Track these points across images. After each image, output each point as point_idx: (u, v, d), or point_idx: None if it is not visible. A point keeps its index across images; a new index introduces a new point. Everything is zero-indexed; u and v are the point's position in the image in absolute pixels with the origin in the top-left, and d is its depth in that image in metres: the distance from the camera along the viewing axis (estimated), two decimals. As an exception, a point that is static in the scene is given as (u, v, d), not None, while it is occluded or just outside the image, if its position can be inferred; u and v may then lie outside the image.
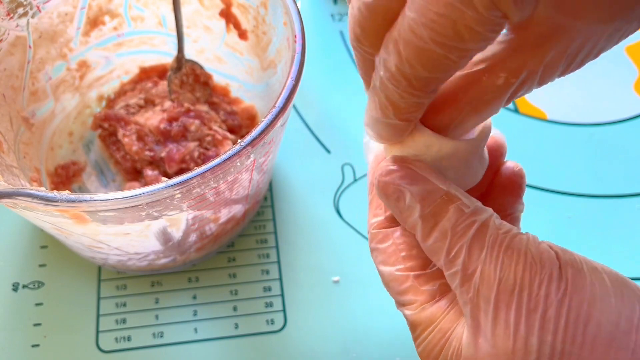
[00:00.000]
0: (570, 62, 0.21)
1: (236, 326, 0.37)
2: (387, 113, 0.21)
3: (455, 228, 0.22)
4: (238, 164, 0.28)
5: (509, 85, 0.21)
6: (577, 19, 0.19)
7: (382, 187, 0.23)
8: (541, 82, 0.21)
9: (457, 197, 0.22)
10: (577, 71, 0.22)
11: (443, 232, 0.22)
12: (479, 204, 0.23)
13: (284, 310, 0.38)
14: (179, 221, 0.32)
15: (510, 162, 0.27)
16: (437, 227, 0.22)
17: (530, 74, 0.21)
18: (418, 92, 0.20)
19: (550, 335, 0.19)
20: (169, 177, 0.27)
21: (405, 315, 0.25)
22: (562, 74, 0.21)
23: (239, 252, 0.40)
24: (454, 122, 0.23)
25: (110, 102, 0.44)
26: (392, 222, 0.26)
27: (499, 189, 0.27)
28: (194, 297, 0.38)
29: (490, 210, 0.22)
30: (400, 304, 0.25)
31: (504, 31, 0.21)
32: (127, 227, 0.30)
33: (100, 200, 0.26)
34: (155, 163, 0.40)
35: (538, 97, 0.49)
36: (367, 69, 0.22)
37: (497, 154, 0.27)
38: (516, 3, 0.17)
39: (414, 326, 0.25)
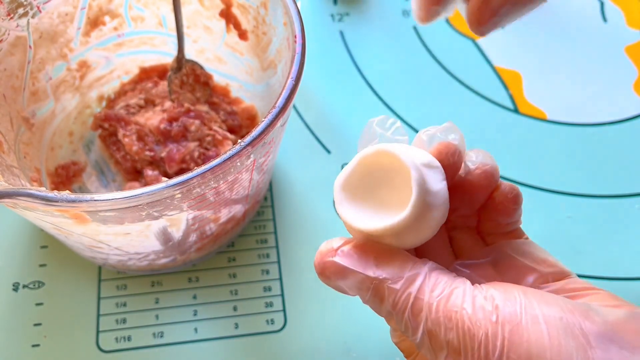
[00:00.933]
0: None
1: (236, 326, 0.37)
2: None
3: (395, 308, 0.24)
4: (238, 164, 0.28)
5: None
6: None
7: (321, 277, 0.26)
8: None
9: (384, 279, 0.24)
10: (577, 71, 0.23)
11: (388, 314, 0.24)
12: (410, 269, 0.24)
13: (284, 310, 0.38)
14: (179, 221, 0.32)
15: (506, 185, 0.27)
16: (381, 310, 0.24)
17: None
18: None
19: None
20: (169, 177, 0.27)
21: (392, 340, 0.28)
22: None
23: (239, 252, 0.40)
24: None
25: (111, 102, 0.44)
26: None
27: (492, 211, 0.28)
28: (194, 297, 0.38)
29: (423, 269, 0.24)
30: (387, 322, 0.27)
31: None
32: (127, 227, 0.30)
33: (101, 200, 0.26)
34: (155, 163, 0.40)
35: (538, 97, 0.49)
36: None
37: (488, 181, 0.27)
38: None
39: (401, 351, 0.28)
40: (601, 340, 0.21)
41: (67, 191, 0.26)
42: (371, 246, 0.25)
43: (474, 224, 0.29)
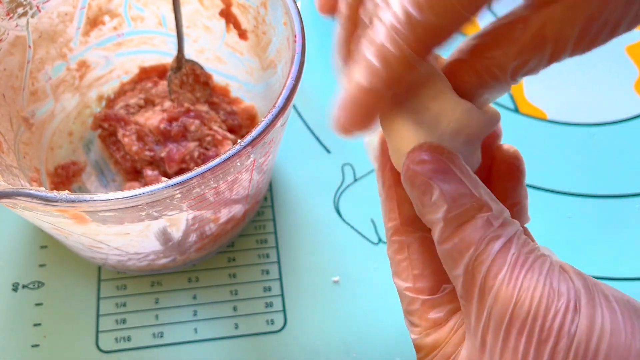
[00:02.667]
0: (586, 28, 0.20)
1: (236, 326, 0.37)
2: (376, 77, 0.19)
3: (480, 241, 0.20)
4: (238, 164, 0.28)
5: (521, 46, 0.20)
6: None
7: (409, 177, 0.21)
8: (552, 55, 0.21)
9: (488, 206, 0.21)
10: (578, 71, 0.22)
11: (465, 242, 0.21)
12: (507, 214, 0.21)
13: (284, 310, 0.38)
14: (179, 221, 0.32)
15: (506, 145, 0.26)
16: (459, 233, 0.21)
17: (548, 35, 0.20)
18: (420, 45, 0.19)
19: None
20: (169, 177, 0.27)
21: (410, 336, 0.25)
22: (576, 47, 0.21)
23: (239, 252, 0.40)
24: (482, 81, 0.21)
25: (110, 102, 0.44)
26: (409, 226, 0.24)
27: (498, 176, 0.26)
28: (194, 297, 0.38)
29: (517, 223, 0.21)
30: (407, 320, 0.25)
31: None
32: (127, 227, 0.30)
33: (100, 200, 0.26)
34: (155, 163, 0.40)
35: (538, 97, 0.49)
36: (348, 32, 0.22)
37: (492, 138, 0.26)
38: None
39: (417, 349, 0.24)
40: None
41: (67, 191, 0.26)
42: (470, 173, 0.21)
43: None
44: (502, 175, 0.26)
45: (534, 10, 0.20)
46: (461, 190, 0.21)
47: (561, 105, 0.48)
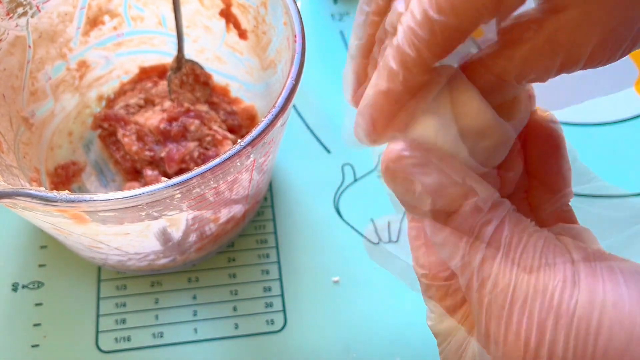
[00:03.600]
0: (606, 39, 0.19)
1: (236, 326, 0.37)
2: (396, 81, 0.19)
3: (471, 229, 0.20)
4: (238, 164, 0.28)
5: (537, 50, 0.20)
6: None
7: (389, 174, 0.21)
8: (567, 63, 0.20)
9: (473, 191, 0.20)
10: (577, 71, 0.22)
11: (457, 232, 0.20)
12: (497, 195, 0.21)
13: (284, 310, 0.38)
14: (178, 221, 0.32)
15: (540, 109, 0.24)
16: (449, 224, 0.20)
17: (563, 41, 0.20)
18: (440, 50, 0.19)
19: (561, 348, 0.18)
20: (169, 177, 0.27)
21: (427, 322, 0.24)
22: (593, 59, 0.20)
23: (239, 252, 0.40)
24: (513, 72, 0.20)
25: (110, 102, 0.44)
26: None
27: (534, 145, 0.25)
28: (194, 298, 0.38)
29: (507, 203, 0.21)
30: (427, 307, 0.24)
31: None
32: (126, 227, 0.30)
33: (100, 200, 0.26)
34: (155, 163, 0.40)
35: (538, 97, 0.48)
36: (370, 36, 0.21)
37: (558, 134, 0.25)
38: None
39: (435, 336, 0.24)
40: None
41: (67, 191, 0.26)
42: (451, 157, 0.21)
43: (523, 206, 0.26)
44: (538, 143, 0.25)
45: (549, 14, 0.19)
46: (444, 181, 0.20)
47: (561, 105, 0.48)
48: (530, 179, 0.26)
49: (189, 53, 0.42)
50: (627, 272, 0.19)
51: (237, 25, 0.40)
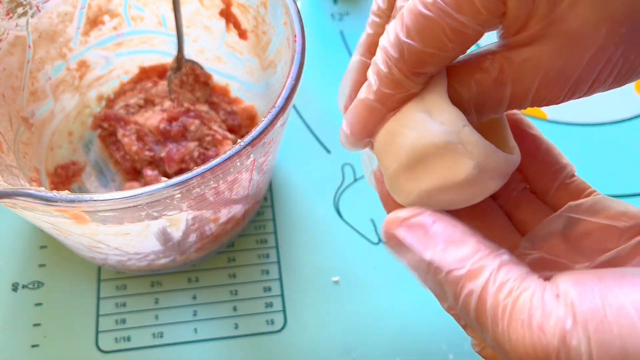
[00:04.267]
0: (562, 75, 0.21)
1: (236, 326, 0.37)
2: (370, 92, 0.22)
3: (457, 302, 0.20)
4: (238, 164, 0.28)
5: (498, 82, 0.21)
6: (573, 14, 0.19)
7: (390, 245, 0.23)
8: (529, 97, 0.22)
9: (440, 268, 0.20)
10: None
11: (448, 306, 0.21)
12: (477, 259, 0.20)
13: (284, 310, 0.38)
14: (178, 221, 0.32)
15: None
16: (441, 298, 0.21)
17: (520, 75, 0.21)
18: (409, 69, 0.20)
19: None
20: (169, 177, 0.27)
21: (474, 349, 0.25)
22: (555, 95, 0.22)
23: (239, 252, 0.40)
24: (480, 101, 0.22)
25: (110, 102, 0.44)
26: None
27: (532, 149, 0.25)
28: (194, 297, 0.38)
29: (490, 263, 0.20)
30: (468, 334, 0.25)
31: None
32: (126, 227, 0.30)
33: (100, 200, 0.26)
34: (155, 163, 0.40)
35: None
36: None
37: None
38: None
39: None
40: None
41: (67, 191, 0.26)
42: (443, 224, 0.21)
43: (524, 187, 0.26)
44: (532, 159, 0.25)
45: (503, 49, 0.21)
46: (416, 259, 0.21)
47: (561, 105, 0.48)
48: (523, 170, 0.26)
49: (189, 53, 0.42)
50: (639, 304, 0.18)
51: (237, 25, 0.40)
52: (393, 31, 0.20)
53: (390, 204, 0.25)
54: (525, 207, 0.25)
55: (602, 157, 0.45)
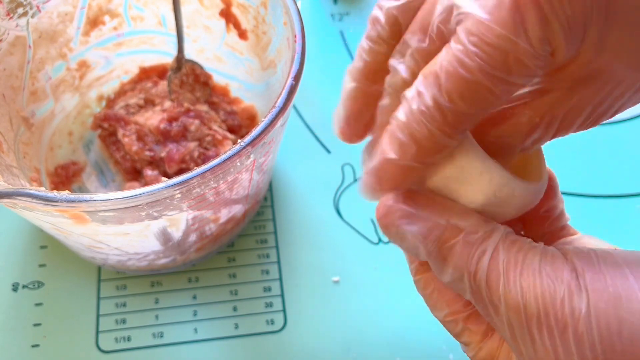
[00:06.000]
0: (593, 112, 0.21)
1: (236, 326, 0.37)
2: (406, 153, 0.20)
3: (468, 264, 0.21)
4: (238, 164, 0.28)
5: (531, 125, 0.22)
6: (617, 60, 0.19)
7: (382, 229, 0.23)
8: (559, 131, 0.22)
9: (458, 228, 0.21)
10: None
11: (456, 269, 0.21)
12: (485, 226, 0.21)
13: (284, 310, 0.38)
14: (178, 221, 0.32)
15: None
16: (448, 264, 0.21)
17: (553, 118, 0.21)
18: (451, 129, 0.20)
19: (589, 351, 0.19)
20: (169, 177, 0.27)
21: (468, 355, 0.25)
22: (580, 127, 0.22)
23: (239, 252, 0.40)
24: None
25: (110, 102, 0.44)
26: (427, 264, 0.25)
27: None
28: (194, 297, 0.38)
29: (499, 228, 0.21)
30: (461, 345, 0.25)
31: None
32: (126, 227, 0.30)
33: (100, 200, 0.26)
34: (155, 163, 0.40)
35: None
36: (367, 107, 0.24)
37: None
38: (567, 38, 0.18)
39: None
40: None
41: (67, 191, 0.26)
42: (441, 199, 0.22)
43: (519, 232, 0.27)
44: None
45: (534, 95, 0.22)
46: (429, 225, 0.21)
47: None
48: (527, 221, 0.27)
49: (189, 53, 0.42)
50: (634, 263, 0.19)
51: (237, 25, 0.40)
52: (429, 93, 0.19)
53: None
54: None
55: (602, 157, 0.45)
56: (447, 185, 0.22)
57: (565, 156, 0.46)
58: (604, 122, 0.23)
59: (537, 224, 0.27)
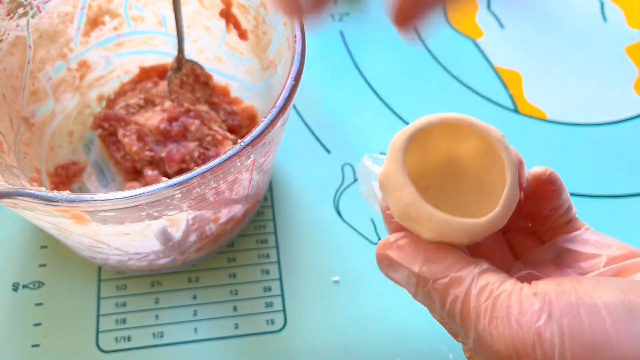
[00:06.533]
0: None
1: (236, 326, 0.37)
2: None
3: (444, 307, 0.23)
4: (238, 164, 0.28)
5: None
6: None
7: (382, 272, 0.26)
8: None
9: (427, 276, 0.23)
10: (577, 71, 0.23)
11: (436, 312, 0.23)
12: (456, 268, 0.23)
13: (284, 310, 0.38)
14: (179, 221, 0.32)
15: (537, 171, 0.27)
16: (428, 306, 0.24)
17: None
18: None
19: None
20: (169, 177, 0.27)
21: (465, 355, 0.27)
22: None
23: (239, 252, 0.40)
24: None
25: (110, 102, 0.44)
26: None
27: (535, 201, 0.27)
28: (194, 297, 0.38)
29: (470, 270, 0.23)
30: (459, 342, 0.27)
31: None
32: (127, 227, 0.30)
33: (101, 200, 0.26)
34: (155, 163, 0.40)
35: (538, 97, 0.49)
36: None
37: (553, 185, 0.27)
38: None
39: None
40: None
41: (67, 191, 0.26)
42: (425, 242, 0.24)
43: (527, 225, 0.28)
44: (540, 199, 0.27)
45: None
46: (406, 273, 0.24)
47: (561, 105, 0.48)
48: (534, 217, 0.28)
49: (189, 53, 0.42)
50: (612, 305, 0.20)
51: (237, 26, 0.40)
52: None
53: (391, 224, 0.27)
54: (524, 239, 0.28)
55: (601, 157, 0.45)
56: (405, 223, 0.25)
57: (565, 156, 0.46)
58: (604, 122, 0.23)
59: (542, 220, 0.27)
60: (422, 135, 0.25)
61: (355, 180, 0.44)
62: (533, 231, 0.28)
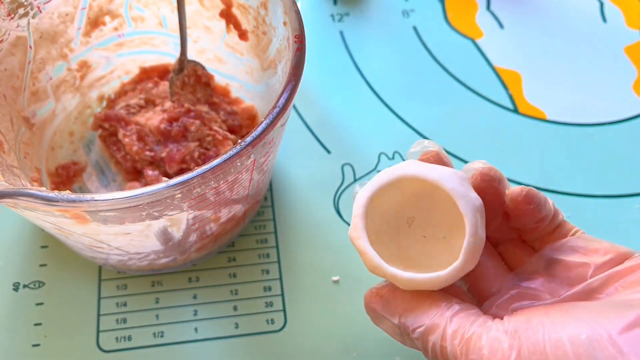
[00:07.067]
0: None
1: (236, 326, 0.38)
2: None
3: (427, 354, 0.25)
4: (238, 164, 0.28)
5: None
6: None
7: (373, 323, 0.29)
8: None
9: (406, 327, 0.26)
10: (577, 71, 0.23)
11: (428, 358, 0.25)
12: (431, 315, 0.25)
13: (284, 310, 0.38)
14: (179, 221, 0.32)
15: (513, 189, 0.27)
16: (417, 348, 0.26)
17: None
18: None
19: None
20: (170, 177, 0.27)
21: None
22: None
23: (239, 252, 0.40)
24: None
25: (111, 102, 0.44)
26: None
27: (516, 218, 0.28)
28: (194, 297, 0.39)
29: (443, 315, 0.25)
30: None
31: None
32: (127, 227, 0.30)
33: (101, 200, 0.26)
34: (155, 163, 0.40)
35: (538, 97, 0.49)
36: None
37: (491, 188, 0.27)
38: None
39: None
40: (633, 341, 0.20)
41: (68, 191, 0.26)
42: (401, 293, 0.26)
43: (515, 236, 0.29)
44: (520, 217, 0.28)
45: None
46: (388, 324, 0.27)
47: (561, 105, 0.48)
48: (520, 228, 0.29)
49: (190, 53, 0.42)
50: (575, 340, 0.21)
51: (237, 26, 0.40)
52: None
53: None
54: (515, 249, 0.29)
55: (601, 157, 0.46)
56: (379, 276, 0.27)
57: (565, 156, 0.46)
58: (604, 122, 0.23)
59: (530, 232, 0.28)
60: (386, 186, 0.27)
61: (356, 180, 0.44)
62: (524, 240, 0.29)
